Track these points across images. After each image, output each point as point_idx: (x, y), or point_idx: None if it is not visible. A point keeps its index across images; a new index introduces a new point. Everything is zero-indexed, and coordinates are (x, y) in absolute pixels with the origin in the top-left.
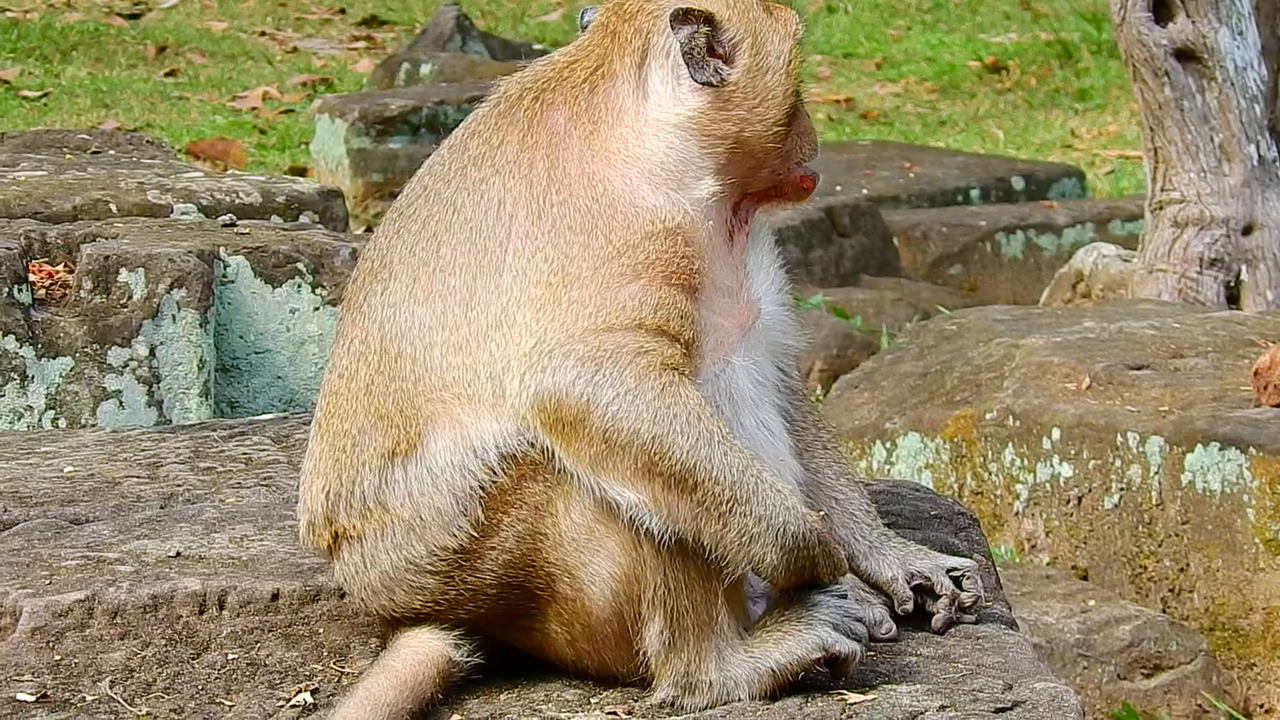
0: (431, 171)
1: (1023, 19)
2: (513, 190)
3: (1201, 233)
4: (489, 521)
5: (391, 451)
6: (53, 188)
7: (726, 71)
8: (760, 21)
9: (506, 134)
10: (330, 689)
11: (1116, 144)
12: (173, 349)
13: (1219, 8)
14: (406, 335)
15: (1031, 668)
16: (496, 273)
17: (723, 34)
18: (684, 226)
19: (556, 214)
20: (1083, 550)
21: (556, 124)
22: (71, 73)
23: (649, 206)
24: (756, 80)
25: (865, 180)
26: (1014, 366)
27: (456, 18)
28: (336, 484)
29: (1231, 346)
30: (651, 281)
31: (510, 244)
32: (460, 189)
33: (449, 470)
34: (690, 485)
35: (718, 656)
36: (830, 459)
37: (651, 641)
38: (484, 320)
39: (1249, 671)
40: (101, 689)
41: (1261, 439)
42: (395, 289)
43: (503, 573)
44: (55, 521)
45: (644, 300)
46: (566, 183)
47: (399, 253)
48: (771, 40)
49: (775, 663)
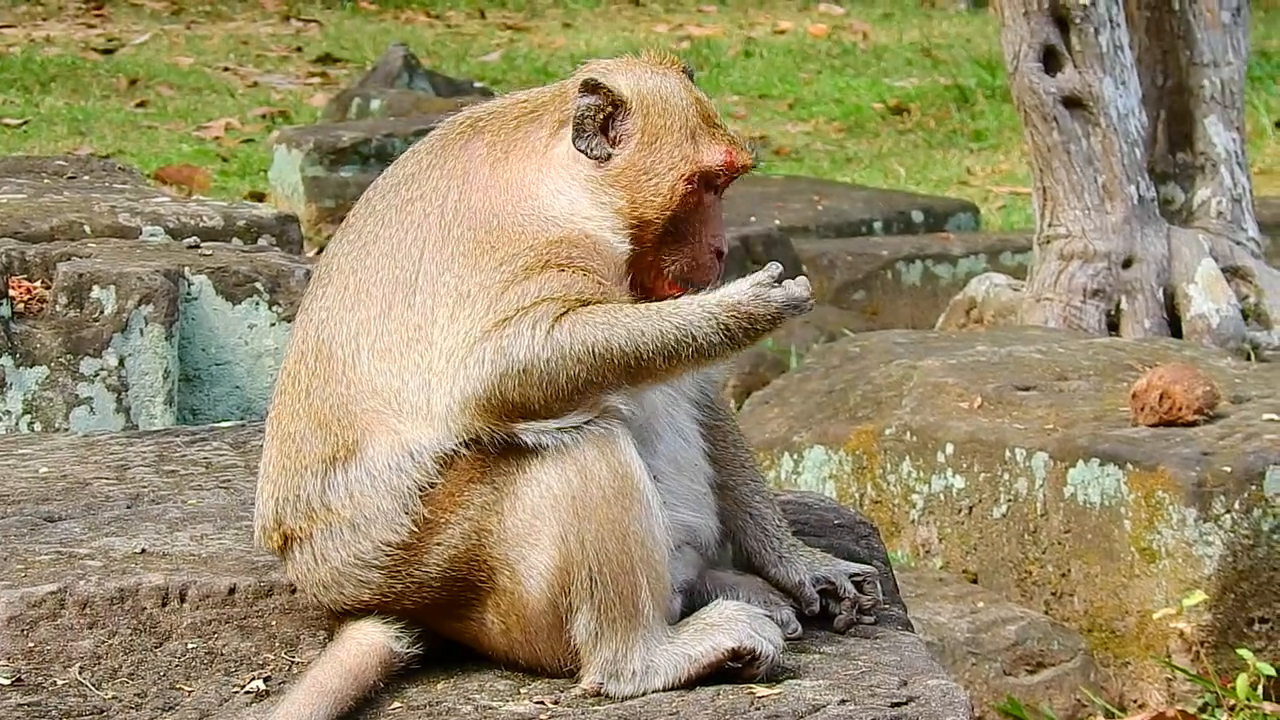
0: (376, 186)
1: (923, 65)
2: (429, 216)
3: (1085, 265)
4: (433, 518)
5: (331, 457)
6: (32, 210)
7: (607, 152)
8: (667, 132)
9: (436, 159)
10: (281, 677)
11: (1008, 181)
12: (140, 360)
13: (1104, 60)
14: (337, 338)
15: (925, 666)
16: (411, 290)
17: (620, 121)
18: (575, 238)
19: (455, 244)
20: (973, 556)
21: (477, 151)
22: (50, 102)
23: (533, 230)
24: (639, 178)
25: (777, 211)
26: (912, 386)
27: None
28: (283, 489)
29: (1111, 370)
30: (538, 272)
31: (421, 266)
32: (391, 205)
33: (387, 472)
34: (639, 365)
35: (643, 646)
36: (747, 476)
37: (579, 631)
38: (402, 332)
39: (1124, 670)
40: (71, 674)
41: (1138, 456)
42: (330, 293)
43: (447, 567)
44: (30, 519)
45: (526, 290)
46: (469, 214)
47: (338, 260)
48: (667, 154)
49: (697, 653)
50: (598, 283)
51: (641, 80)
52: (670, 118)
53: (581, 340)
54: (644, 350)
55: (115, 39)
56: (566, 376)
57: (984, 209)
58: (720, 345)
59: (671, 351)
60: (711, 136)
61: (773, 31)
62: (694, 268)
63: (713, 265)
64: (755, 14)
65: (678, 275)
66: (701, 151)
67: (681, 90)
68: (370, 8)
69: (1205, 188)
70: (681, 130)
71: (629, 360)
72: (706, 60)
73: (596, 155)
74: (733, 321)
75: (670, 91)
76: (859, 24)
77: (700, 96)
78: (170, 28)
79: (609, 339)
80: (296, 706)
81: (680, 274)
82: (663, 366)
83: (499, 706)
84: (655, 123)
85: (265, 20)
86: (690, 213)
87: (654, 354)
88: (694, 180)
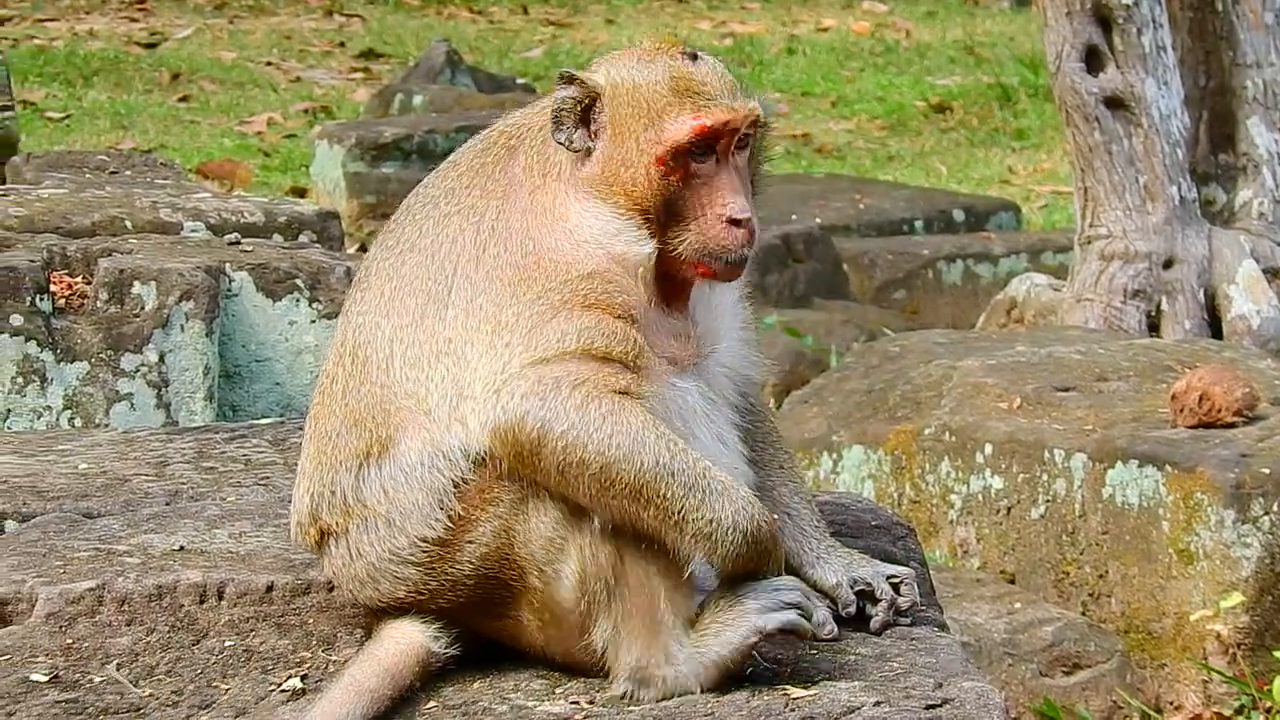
0: (418, 193)
1: (966, 63)
2: (465, 233)
3: (1126, 266)
4: (466, 515)
5: (365, 453)
6: (73, 205)
7: (588, 145)
8: (632, 118)
9: (476, 175)
10: (319, 675)
11: (1050, 180)
12: (180, 356)
13: (1146, 60)
14: (372, 343)
15: (961, 668)
16: (443, 305)
17: (598, 113)
18: (604, 270)
19: (491, 265)
20: (1010, 556)
21: (515, 174)
22: (92, 96)
23: (568, 261)
24: (620, 170)
25: (819, 210)
26: (951, 386)
27: (447, 53)
28: (318, 485)
29: (1151, 372)
30: (572, 312)
31: (455, 282)
32: (430, 217)
33: (420, 469)
34: (645, 499)
35: (666, 652)
36: (785, 477)
37: (600, 638)
38: (432, 345)
39: (1160, 671)
40: (109, 671)
41: (1176, 457)
42: (368, 298)
43: (479, 564)
44: (70, 515)
45: (566, 330)
46: (505, 236)
47: (377, 264)
48: (634, 141)
49: (717, 654)
50: (631, 320)
51: (620, 69)
52: (635, 103)
53: (610, 431)
54: (657, 493)
55: (158, 33)
56: (576, 470)
57: (1025, 208)
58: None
59: (675, 509)
60: (679, 108)
61: (816, 29)
62: (707, 242)
63: (727, 235)
64: (798, 11)
65: (694, 255)
66: (665, 129)
67: (659, 72)
68: (413, 3)
69: (1247, 189)
70: (647, 113)
71: (640, 492)
72: (749, 58)
73: (576, 148)
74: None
75: (642, 76)
76: (902, 22)
77: (687, 72)
78: (213, 22)
79: (634, 451)
80: (334, 705)
81: (696, 253)
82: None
83: (534, 706)
84: (621, 111)
85: (308, 15)
86: (685, 190)
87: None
88: (666, 160)
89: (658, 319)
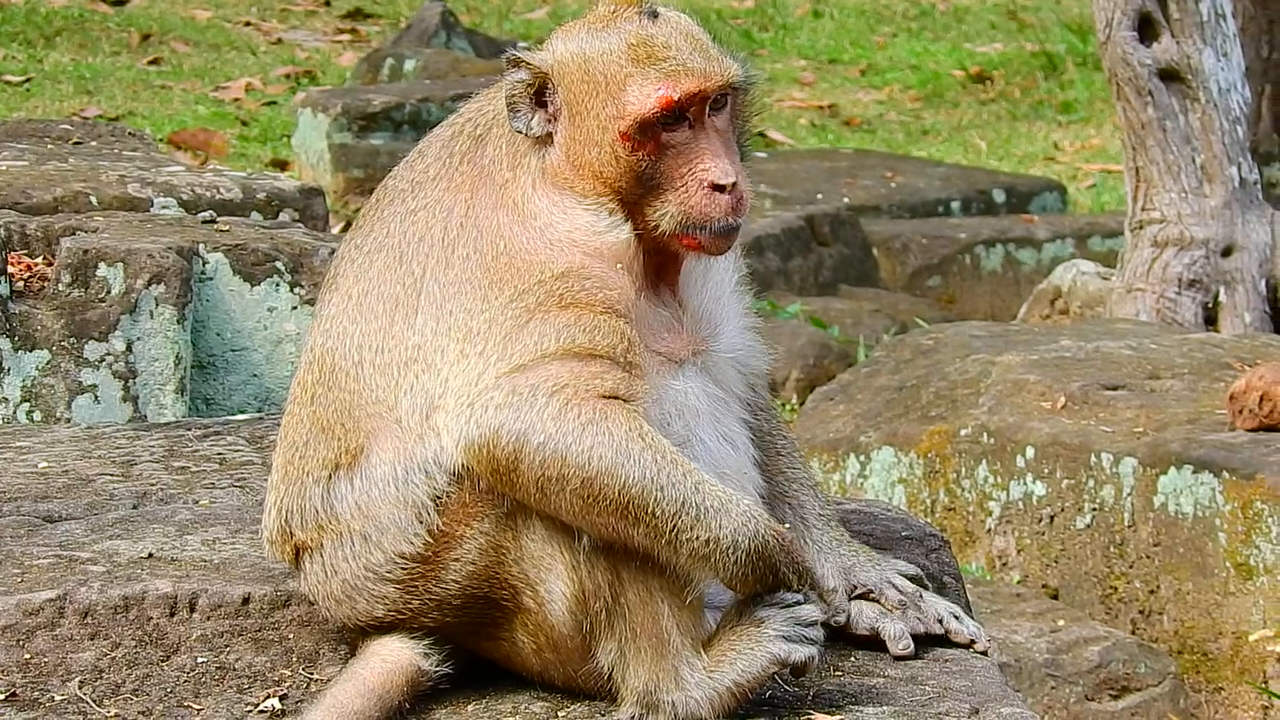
0: (386, 186)
1: (1008, 29)
2: (433, 230)
3: (1181, 253)
4: (448, 530)
5: (335, 463)
6: (34, 178)
7: (546, 129)
8: (590, 95)
9: (443, 167)
10: (299, 695)
11: (1099, 158)
12: (150, 345)
13: (1204, 29)
14: (341, 348)
15: (999, 692)
16: (411, 310)
17: (552, 94)
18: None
19: (461, 267)
20: (1053, 570)
21: (483, 165)
22: (55, 58)
23: (541, 260)
24: (585, 151)
25: (846, 189)
26: (990, 383)
27: (442, 13)
28: (287, 498)
29: (1207, 369)
30: (549, 313)
31: (424, 285)
32: (396, 214)
33: (394, 482)
34: (634, 516)
35: (675, 676)
36: (786, 463)
37: (605, 660)
38: (401, 351)
39: (1216, 695)
40: (70, 689)
41: (1235, 463)
42: (336, 301)
43: (467, 583)
44: (28, 519)
45: (543, 332)
46: (475, 235)
47: (345, 264)
48: (594, 119)
49: (734, 681)
50: (616, 313)
51: (570, 42)
52: (590, 78)
53: (590, 443)
54: (646, 508)
55: None
56: (556, 486)
57: (1071, 188)
58: (714, 554)
59: (666, 526)
60: (641, 79)
61: None
62: (689, 213)
63: (710, 202)
64: None
65: (677, 228)
66: (628, 102)
67: (614, 40)
68: None
69: None
70: (605, 87)
71: (627, 508)
72: (771, 21)
73: (536, 134)
74: (748, 554)
75: (595, 47)
76: None
77: (646, 36)
78: None
79: (617, 463)
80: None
81: (679, 226)
82: (648, 532)
83: None
84: (576, 89)
85: None
86: (659, 162)
87: (651, 518)
88: (632, 135)
89: (648, 310)
